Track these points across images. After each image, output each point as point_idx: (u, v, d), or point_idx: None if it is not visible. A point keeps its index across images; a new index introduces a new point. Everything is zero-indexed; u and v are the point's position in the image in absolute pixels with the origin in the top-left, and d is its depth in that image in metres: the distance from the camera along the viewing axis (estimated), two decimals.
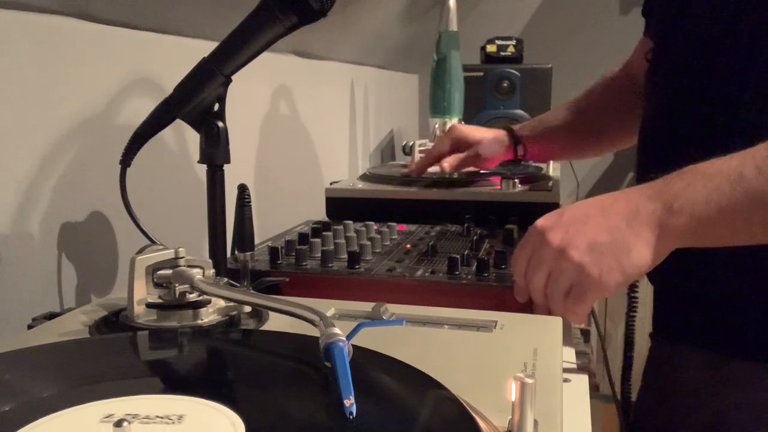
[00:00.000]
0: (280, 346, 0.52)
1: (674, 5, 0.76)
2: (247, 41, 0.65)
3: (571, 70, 2.31)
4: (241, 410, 0.39)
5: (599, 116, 1.03)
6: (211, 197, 0.67)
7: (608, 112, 1.02)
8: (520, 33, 2.37)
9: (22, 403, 0.40)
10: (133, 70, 0.83)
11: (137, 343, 0.53)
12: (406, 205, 1.08)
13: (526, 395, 0.37)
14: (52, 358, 0.48)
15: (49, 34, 0.70)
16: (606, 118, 1.02)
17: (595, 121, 1.04)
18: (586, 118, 1.04)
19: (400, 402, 0.44)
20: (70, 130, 0.73)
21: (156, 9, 0.85)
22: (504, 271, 0.76)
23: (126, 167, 0.67)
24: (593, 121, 1.04)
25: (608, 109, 1.02)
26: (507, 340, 0.56)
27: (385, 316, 0.60)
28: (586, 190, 2.47)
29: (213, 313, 0.59)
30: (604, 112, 1.03)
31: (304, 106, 1.35)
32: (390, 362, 0.47)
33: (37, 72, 0.69)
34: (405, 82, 2.30)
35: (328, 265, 0.79)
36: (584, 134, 1.06)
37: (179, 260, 0.59)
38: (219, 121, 0.66)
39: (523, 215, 1.00)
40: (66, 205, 0.73)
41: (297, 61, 1.33)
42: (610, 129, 1.03)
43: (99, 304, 0.64)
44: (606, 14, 2.36)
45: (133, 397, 0.41)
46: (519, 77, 1.84)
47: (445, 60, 1.47)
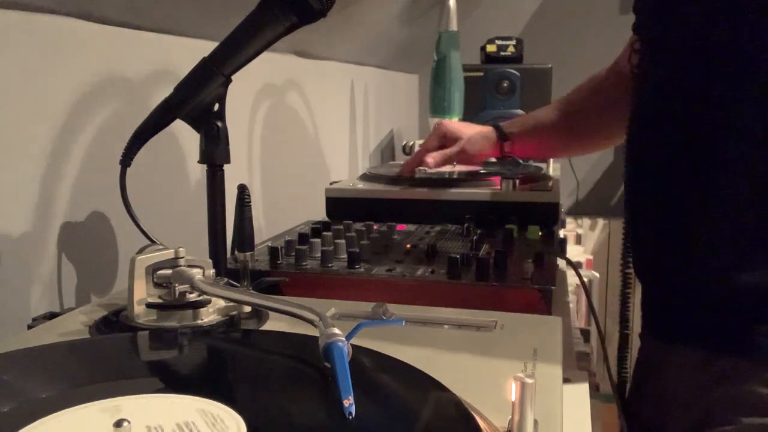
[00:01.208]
0: (280, 346, 0.52)
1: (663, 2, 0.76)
2: (247, 41, 0.65)
3: (571, 70, 2.31)
4: (242, 410, 0.39)
5: (587, 115, 1.04)
6: (211, 197, 0.67)
7: (596, 110, 1.03)
8: (520, 33, 2.37)
9: (22, 403, 0.40)
10: (133, 70, 0.83)
11: (137, 343, 0.53)
12: (406, 205, 1.08)
13: (526, 395, 0.37)
14: (52, 358, 0.48)
15: (49, 34, 0.70)
16: (594, 117, 1.03)
17: (583, 119, 1.04)
18: (575, 116, 1.05)
19: (399, 402, 0.44)
20: (70, 129, 0.73)
21: (156, 9, 0.85)
22: (504, 271, 0.76)
23: (126, 167, 0.67)
24: (581, 119, 1.04)
25: (596, 108, 1.02)
26: (507, 340, 0.56)
27: (385, 316, 0.59)
28: (586, 190, 2.47)
29: (213, 313, 0.59)
30: (592, 110, 1.03)
31: (304, 106, 1.35)
32: (390, 362, 0.47)
33: (37, 72, 0.69)
34: (405, 82, 2.30)
35: (328, 265, 0.79)
36: (572, 132, 1.07)
37: (179, 260, 0.59)
38: (219, 121, 0.66)
39: (523, 215, 1.00)
40: (66, 205, 0.73)
41: (297, 61, 1.33)
42: (597, 127, 1.04)
43: (99, 304, 0.64)
44: (606, 14, 2.36)
45: (133, 397, 0.41)
46: (519, 77, 1.84)
47: (445, 60, 1.47)
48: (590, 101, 1.03)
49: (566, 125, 1.06)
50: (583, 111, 1.04)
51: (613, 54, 1.01)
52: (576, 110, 1.05)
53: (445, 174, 1.20)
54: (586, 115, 1.04)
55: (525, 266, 0.75)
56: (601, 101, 1.01)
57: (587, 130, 1.06)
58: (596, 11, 2.37)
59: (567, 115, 1.06)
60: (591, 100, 1.03)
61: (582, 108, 1.04)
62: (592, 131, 1.06)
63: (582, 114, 1.04)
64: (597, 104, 1.02)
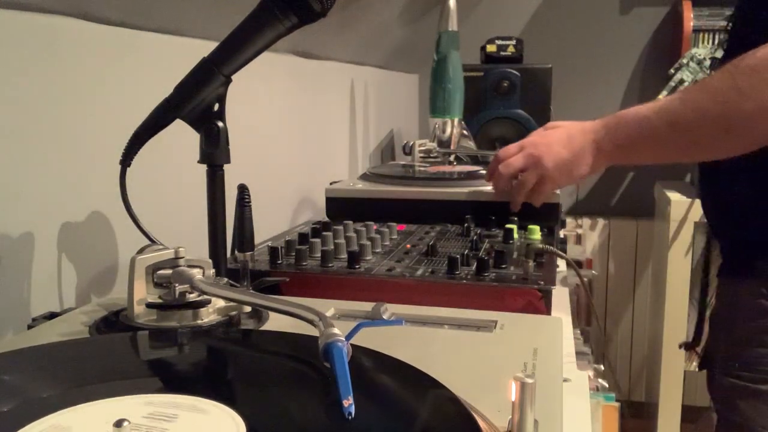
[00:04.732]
0: (279, 346, 0.52)
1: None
2: (247, 41, 0.65)
3: (571, 70, 2.32)
4: (242, 410, 0.39)
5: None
6: (211, 197, 0.67)
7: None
8: (520, 33, 2.37)
9: (22, 403, 0.40)
10: (133, 70, 0.83)
11: (137, 343, 0.53)
12: (406, 205, 1.08)
13: (526, 395, 0.37)
14: (52, 358, 0.48)
15: (49, 34, 0.70)
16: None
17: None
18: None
19: (399, 402, 0.44)
20: (70, 129, 0.73)
21: (156, 9, 0.85)
22: (504, 271, 0.76)
23: (126, 167, 0.67)
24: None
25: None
26: (507, 340, 0.56)
27: (384, 316, 0.59)
28: (586, 190, 2.47)
29: (213, 313, 0.59)
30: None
31: (304, 106, 1.35)
32: (390, 362, 0.47)
33: (36, 72, 0.69)
34: (405, 82, 2.30)
35: (327, 265, 0.79)
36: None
37: (179, 260, 0.59)
38: (219, 121, 0.66)
39: (523, 215, 1.00)
40: (66, 205, 0.73)
41: (297, 61, 1.33)
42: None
43: (99, 304, 0.64)
44: (606, 14, 2.36)
45: (133, 396, 0.41)
46: (519, 77, 1.84)
47: (445, 60, 1.47)
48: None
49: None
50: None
51: (613, 54, 1.02)
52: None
53: (446, 173, 1.20)
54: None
55: (525, 266, 0.76)
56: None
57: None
58: (596, 11, 2.37)
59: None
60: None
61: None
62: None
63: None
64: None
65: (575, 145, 0.91)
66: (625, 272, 2.40)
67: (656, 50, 2.34)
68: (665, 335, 1.91)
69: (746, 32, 0.86)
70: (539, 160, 0.94)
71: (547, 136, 0.97)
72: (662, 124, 0.82)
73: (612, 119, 0.89)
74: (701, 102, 0.79)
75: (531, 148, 0.97)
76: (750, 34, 0.82)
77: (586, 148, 0.91)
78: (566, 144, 0.93)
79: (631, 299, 2.41)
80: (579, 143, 0.91)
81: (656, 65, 2.32)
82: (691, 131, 0.80)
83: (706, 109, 0.78)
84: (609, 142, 0.88)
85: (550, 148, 0.94)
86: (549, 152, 0.94)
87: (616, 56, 2.36)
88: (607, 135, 0.89)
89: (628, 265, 2.40)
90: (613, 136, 0.88)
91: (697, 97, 0.80)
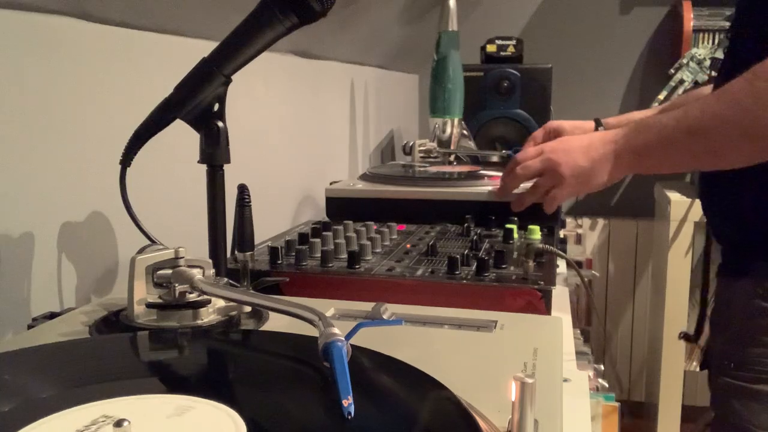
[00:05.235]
0: (279, 346, 0.52)
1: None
2: (247, 41, 0.65)
3: (571, 70, 2.32)
4: (242, 409, 0.39)
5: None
6: (211, 197, 0.67)
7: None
8: (520, 33, 2.37)
9: (22, 403, 0.40)
10: (133, 70, 0.83)
11: (137, 343, 0.53)
12: (406, 205, 1.08)
13: (526, 395, 0.37)
14: (52, 358, 0.48)
15: (49, 34, 0.70)
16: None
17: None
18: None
19: (399, 402, 0.44)
20: (70, 129, 0.73)
21: (156, 9, 0.85)
22: (504, 271, 0.76)
23: (126, 167, 0.67)
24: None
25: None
26: (507, 340, 0.56)
27: (384, 316, 0.59)
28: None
29: (213, 313, 0.59)
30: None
31: (304, 106, 1.35)
32: (390, 362, 0.47)
33: (36, 72, 0.69)
34: (405, 82, 2.30)
35: (327, 265, 0.79)
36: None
37: (179, 260, 0.59)
38: (219, 121, 0.66)
39: (523, 215, 1.00)
40: (66, 205, 0.73)
41: (297, 61, 1.33)
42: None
43: (99, 304, 0.64)
44: (606, 14, 2.36)
45: (133, 397, 0.41)
46: (519, 77, 1.84)
47: (445, 60, 1.47)
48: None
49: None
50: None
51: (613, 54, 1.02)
52: (676, 107, 1.07)
53: (446, 173, 1.20)
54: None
55: (525, 266, 0.76)
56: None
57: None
58: (596, 11, 2.37)
59: (666, 111, 1.07)
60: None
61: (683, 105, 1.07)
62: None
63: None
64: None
65: (595, 153, 0.90)
66: (625, 272, 2.40)
67: (656, 50, 2.34)
68: (665, 335, 1.91)
69: (746, 33, 0.86)
70: (557, 167, 0.93)
71: (568, 142, 0.95)
72: (681, 131, 0.81)
73: (631, 127, 0.89)
74: (720, 109, 0.78)
75: (550, 153, 0.95)
76: (748, 39, 0.82)
77: (606, 157, 0.89)
78: (585, 152, 0.91)
79: (631, 299, 2.41)
80: (599, 152, 0.90)
81: (656, 65, 2.32)
82: (710, 138, 0.79)
83: (725, 116, 0.78)
84: (627, 150, 0.88)
85: (569, 156, 0.93)
86: (567, 159, 0.92)
87: (616, 56, 2.36)
88: (626, 143, 0.88)
89: (628, 265, 2.40)
90: (632, 143, 0.87)
91: (715, 105, 0.79)
